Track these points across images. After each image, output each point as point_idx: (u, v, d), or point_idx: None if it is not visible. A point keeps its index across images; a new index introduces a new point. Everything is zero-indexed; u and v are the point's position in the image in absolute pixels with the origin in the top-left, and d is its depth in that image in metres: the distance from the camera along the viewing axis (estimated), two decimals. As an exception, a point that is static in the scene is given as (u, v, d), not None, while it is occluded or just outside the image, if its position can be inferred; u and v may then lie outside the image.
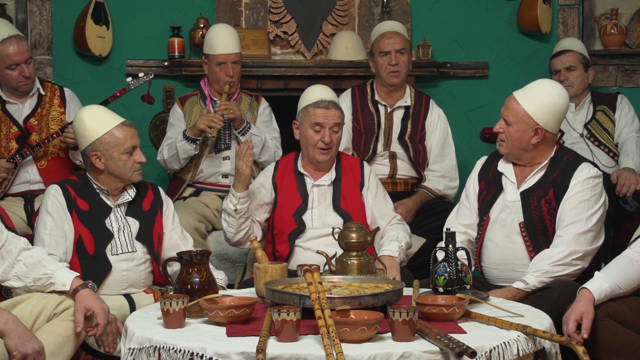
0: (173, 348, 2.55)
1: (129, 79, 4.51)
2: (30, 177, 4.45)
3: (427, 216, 4.48)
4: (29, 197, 4.43)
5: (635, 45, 5.49)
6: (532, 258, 3.45)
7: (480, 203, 3.67)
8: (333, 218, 3.83)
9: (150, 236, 3.57)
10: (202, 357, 2.48)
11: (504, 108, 3.56)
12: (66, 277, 3.04)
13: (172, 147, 4.53)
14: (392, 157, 4.61)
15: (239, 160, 3.78)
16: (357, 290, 2.88)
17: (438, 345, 2.48)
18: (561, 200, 3.47)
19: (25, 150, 4.37)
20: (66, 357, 2.97)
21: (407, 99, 4.68)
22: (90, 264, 3.44)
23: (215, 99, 4.68)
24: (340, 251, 3.30)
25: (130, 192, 3.58)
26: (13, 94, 4.46)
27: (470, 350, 2.40)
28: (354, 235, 3.25)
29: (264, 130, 4.63)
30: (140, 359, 2.64)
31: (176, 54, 5.17)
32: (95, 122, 3.49)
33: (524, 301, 3.25)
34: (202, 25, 5.14)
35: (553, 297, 3.24)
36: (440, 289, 3.04)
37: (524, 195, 3.54)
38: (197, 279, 2.94)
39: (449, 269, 3.05)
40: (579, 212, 3.43)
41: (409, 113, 4.66)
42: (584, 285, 3.00)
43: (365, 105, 4.68)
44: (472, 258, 3.55)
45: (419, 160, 4.62)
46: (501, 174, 3.64)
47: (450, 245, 3.10)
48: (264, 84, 5.24)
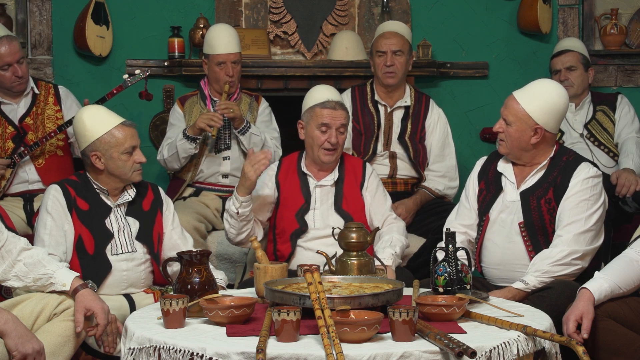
0: (173, 348, 2.55)
1: (126, 76, 4.53)
2: (28, 177, 4.46)
3: (427, 216, 4.48)
4: (29, 197, 4.43)
5: (635, 45, 5.49)
6: (532, 258, 3.45)
7: (480, 203, 3.67)
8: (335, 219, 3.83)
9: (150, 236, 3.57)
10: (202, 357, 2.48)
11: (503, 108, 3.56)
12: (66, 277, 3.04)
13: (172, 147, 4.54)
14: (392, 157, 4.61)
15: (248, 165, 3.67)
16: (357, 290, 2.88)
17: (438, 345, 2.48)
18: (561, 200, 3.47)
19: (23, 150, 4.37)
20: (66, 357, 2.97)
21: (407, 99, 4.68)
22: (90, 264, 3.43)
23: (215, 99, 4.68)
24: (341, 251, 3.30)
25: (130, 192, 3.58)
26: (7, 94, 4.46)
27: (470, 350, 2.40)
28: (354, 235, 3.25)
29: (264, 130, 4.63)
30: (140, 359, 2.64)
31: (176, 54, 5.17)
32: (95, 122, 3.49)
33: (524, 301, 3.25)
34: (202, 25, 5.14)
35: (553, 297, 3.24)
36: (440, 289, 3.04)
37: (524, 195, 3.54)
38: (197, 279, 2.94)
39: (449, 269, 3.05)
40: (578, 211, 3.43)
41: (408, 113, 4.66)
42: (584, 285, 3.00)
43: (365, 105, 4.68)
44: (472, 258, 3.54)
45: (419, 160, 4.62)
46: (501, 174, 3.64)
47: (450, 245, 3.09)
48: (264, 84, 5.24)
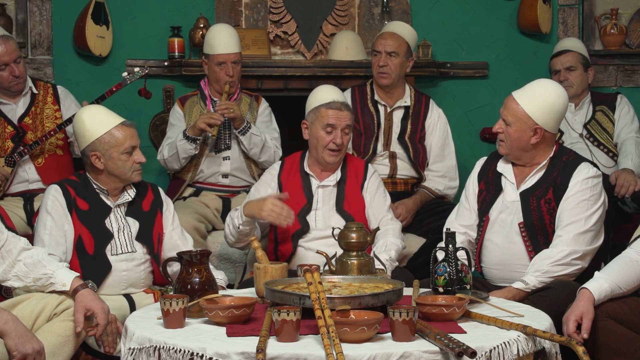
0: (173, 348, 2.55)
1: (125, 73, 4.53)
2: (28, 176, 4.46)
3: (427, 216, 4.48)
4: (29, 197, 4.43)
5: (635, 45, 5.49)
6: (532, 258, 3.45)
7: (480, 204, 3.67)
8: (336, 219, 3.83)
9: (150, 236, 3.57)
10: (202, 357, 2.48)
11: (503, 108, 3.56)
12: (66, 277, 3.04)
13: (172, 147, 4.54)
14: (392, 157, 4.61)
15: (272, 209, 3.59)
16: (357, 290, 2.88)
17: (438, 345, 2.48)
18: (561, 200, 3.47)
19: (23, 149, 4.37)
20: (66, 357, 2.97)
21: (407, 99, 4.68)
22: (90, 264, 3.43)
23: (215, 99, 4.68)
24: (341, 251, 3.30)
25: (130, 192, 3.58)
26: (5, 94, 4.47)
27: (470, 350, 2.40)
28: (354, 235, 3.25)
29: (264, 131, 4.63)
30: (140, 359, 2.64)
31: (176, 54, 5.17)
32: (95, 122, 3.49)
33: (524, 301, 3.25)
34: (202, 25, 5.14)
35: (553, 297, 3.24)
36: (440, 289, 3.04)
37: (524, 196, 3.54)
38: (197, 279, 2.94)
39: (449, 269, 3.05)
40: (578, 212, 3.43)
41: (408, 113, 4.66)
42: (584, 285, 3.00)
43: (365, 105, 4.68)
44: (472, 258, 3.54)
45: (419, 160, 4.62)
46: (500, 174, 3.63)
47: (450, 245, 3.09)
48: (264, 84, 5.24)
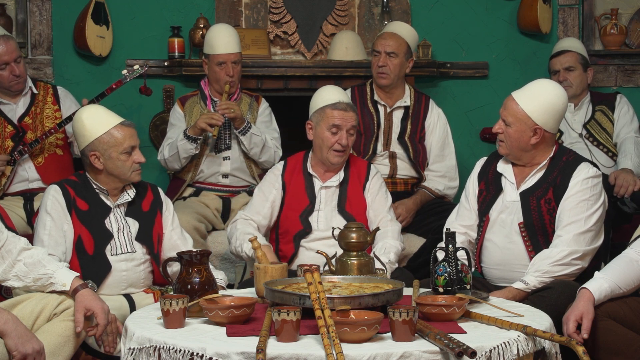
0: (173, 348, 2.55)
1: (124, 71, 4.53)
2: (28, 175, 4.47)
3: (427, 216, 4.48)
4: (29, 197, 4.43)
5: (635, 45, 5.48)
6: (532, 258, 3.45)
7: (480, 204, 3.67)
8: (338, 220, 3.82)
9: (150, 237, 3.57)
10: (202, 357, 2.48)
11: (502, 108, 3.56)
12: (66, 277, 3.04)
13: (173, 147, 4.53)
14: (392, 157, 4.61)
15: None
16: (357, 290, 2.88)
17: (438, 345, 2.48)
18: (560, 200, 3.47)
19: (23, 147, 4.38)
20: (66, 357, 2.97)
21: (407, 99, 4.68)
22: (90, 264, 3.43)
23: (215, 99, 4.68)
24: (341, 251, 3.30)
25: (130, 193, 3.58)
26: (6, 94, 4.47)
27: (470, 350, 2.40)
28: (354, 235, 3.25)
29: (264, 131, 4.63)
30: (140, 359, 2.64)
31: (176, 54, 5.17)
32: (94, 122, 3.49)
33: (524, 301, 3.25)
34: (202, 25, 5.14)
35: (553, 297, 3.24)
36: (440, 289, 3.04)
37: (524, 196, 3.54)
38: (197, 279, 2.94)
39: (449, 269, 3.05)
40: (578, 212, 3.43)
41: (408, 113, 4.66)
42: (584, 285, 3.00)
43: (365, 105, 4.68)
44: (472, 258, 3.54)
45: (419, 160, 4.62)
46: (500, 174, 3.63)
47: (450, 245, 3.09)
48: (264, 84, 5.23)
